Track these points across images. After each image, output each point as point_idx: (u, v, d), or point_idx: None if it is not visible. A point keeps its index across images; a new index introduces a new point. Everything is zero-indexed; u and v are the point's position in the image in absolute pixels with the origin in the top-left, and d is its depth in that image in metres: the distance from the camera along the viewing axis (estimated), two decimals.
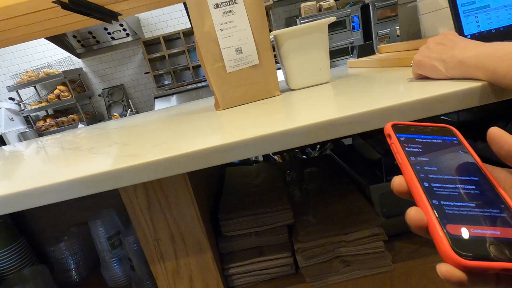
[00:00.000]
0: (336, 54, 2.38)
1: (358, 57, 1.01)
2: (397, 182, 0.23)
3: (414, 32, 0.83)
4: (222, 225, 0.60)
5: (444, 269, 0.18)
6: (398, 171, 0.71)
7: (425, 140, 0.25)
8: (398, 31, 0.99)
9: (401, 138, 0.25)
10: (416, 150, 0.24)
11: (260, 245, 0.61)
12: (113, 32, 2.91)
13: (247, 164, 0.95)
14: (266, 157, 1.03)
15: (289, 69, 0.71)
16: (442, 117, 1.01)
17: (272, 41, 0.71)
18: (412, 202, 0.23)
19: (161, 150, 0.41)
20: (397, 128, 0.26)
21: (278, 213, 0.60)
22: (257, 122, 0.46)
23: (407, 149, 0.24)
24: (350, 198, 0.66)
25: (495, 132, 0.22)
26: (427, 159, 0.23)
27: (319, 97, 0.57)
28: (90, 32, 2.87)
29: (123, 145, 0.55)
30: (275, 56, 0.71)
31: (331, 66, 1.15)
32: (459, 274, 0.17)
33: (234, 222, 0.60)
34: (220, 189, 0.77)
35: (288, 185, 0.75)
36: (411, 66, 0.49)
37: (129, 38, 2.99)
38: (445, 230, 0.19)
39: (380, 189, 0.62)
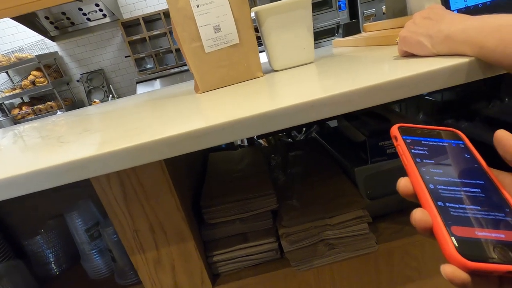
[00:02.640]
0: (323, 34, 2.32)
1: (344, 36, 0.98)
2: (403, 184, 0.22)
3: (400, 9, 0.81)
4: (205, 212, 0.58)
5: (449, 270, 0.18)
6: (383, 153, 0.69)
7: (431, 143, 0.25)
8: (384, 9, 0.96)
9: (407, 140, 0.25)
10: (422, 152, 0.24)
11: (244, 231, 0.60)
12: (88, 13, 2.74)
13: (231, 149, 0.92)
14: (251, 141, 1.01)
15: (271, 49, 0.67)
16: (426, 97, 1.01)
17: (254, 19, 0.67)
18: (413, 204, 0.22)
19: (131, 137, 0.38)
20: (403, 130, 0.25)
21: (262, 198, 0.58)
22: (236, 105, 0.43)
23: (413, 151, 0.24)
24: (334, 181, 0.65)
25: (501, 135, 0.21)
26: (433, 161, 0.23)
27: (302, 77, 0.54)
28: (63, 13, 2.69)
29: (94, 132, 0.51)
30: (258, 37, 0.67)
31: (318, 47, 1.11)
32: (463, 275, 0.17)
33: (217, 209, 0.58)
34: (203, 175, 0.75)
35: (272, 169, 0.73)
36: (397, 43, 0.47)
37: (107, 19, 2.82)
38: (450, 232, 0.19)
39: (364, 171, 0.62)
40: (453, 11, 0.52)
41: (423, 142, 0.25)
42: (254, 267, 0.61)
